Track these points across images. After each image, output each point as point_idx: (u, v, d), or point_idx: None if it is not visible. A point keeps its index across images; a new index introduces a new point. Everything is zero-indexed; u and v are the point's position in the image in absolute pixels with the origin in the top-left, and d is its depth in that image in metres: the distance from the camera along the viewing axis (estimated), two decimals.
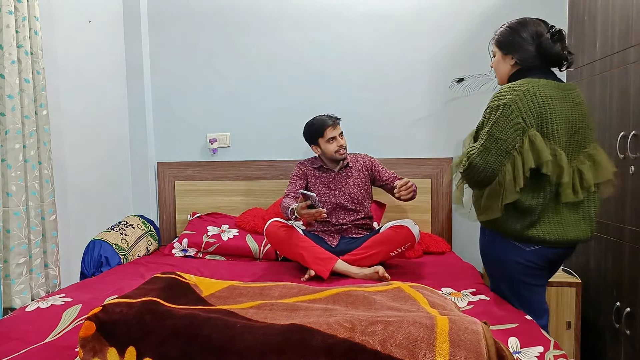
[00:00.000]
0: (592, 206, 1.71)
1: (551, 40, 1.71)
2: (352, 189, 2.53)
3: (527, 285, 1.76)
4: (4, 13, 1.99)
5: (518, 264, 1.72)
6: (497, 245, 1.76)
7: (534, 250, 1.70)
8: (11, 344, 1.50)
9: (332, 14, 2.99)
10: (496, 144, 1.62)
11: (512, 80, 1.75)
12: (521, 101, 1.62)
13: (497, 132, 1.62)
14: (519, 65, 1.75)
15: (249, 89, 3.08)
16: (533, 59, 1.72)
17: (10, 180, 2.02)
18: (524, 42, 1.72)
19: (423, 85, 2.96)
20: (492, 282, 1.91)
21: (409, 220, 2.36)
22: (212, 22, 3.07)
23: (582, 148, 1.70)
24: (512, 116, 1.61)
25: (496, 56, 1.84)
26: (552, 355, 1.39)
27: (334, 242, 2.45)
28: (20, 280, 2.04)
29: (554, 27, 1.74)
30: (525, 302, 1.76)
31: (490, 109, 1.68)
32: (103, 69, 2.83)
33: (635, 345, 2.07)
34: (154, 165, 3.14)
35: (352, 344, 1.21)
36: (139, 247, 2.74)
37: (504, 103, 1.63)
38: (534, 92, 1.63)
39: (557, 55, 1.72)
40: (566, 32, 2.73)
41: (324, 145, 2.51)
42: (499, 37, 1.81)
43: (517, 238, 1.70)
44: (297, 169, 2.64)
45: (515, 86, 1.65)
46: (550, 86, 1.67)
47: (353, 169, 2.58)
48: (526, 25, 1.75)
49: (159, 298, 1.45)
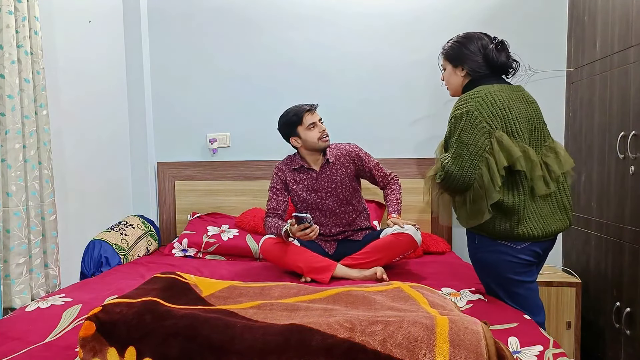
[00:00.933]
0: (564, 196, 1.78)
1: (496, 51, 1.82)
2: (340, 189, 2.38)
3: (521, 283, 1.79)
4: (4, 13, 1.99)
5: (511, 263, 1.76)
6: (488, 249, 1.78)
7: (525, 247, 1.75)
8: (11, 344, 1.50)
9: (332, 14, 2.99)
10: (467, 150, 1.69)
11: (466, 90, 1.84)
12: (482, 107, 1.70)
13: (465, 138, 1.69)
14: (470, 75, 1.85)
15: (249, 89, 3.08)
16: (482, 69, 1.83)
17: (10, 180, 2.02)
18: (472, 54, 1.83)
19: (423, 85, 2.96)
20: (487, 287, 1.91)
21: (410, 226, 2.26)
22: (212, 22, 3.07)
23: (543, 142, 1.80)
24: (477, 121, 1.69)
25: (446, 69, 1.94)
26: (552, 354, 1.39)
27: (332, 250, 2.41)
28: (20, 280, 2.04)
29: (497, 39, 1.85)
30: (521, 301, 1.79)
31: (454, 119, 1.74)
32: (103, 69, 2.83)
33: (635, 345, 2.07)
34: (154, 165, 3.14)
35: (352, 344, 1.21)
36: (139, 247, 2.74)
37: (466, 111, 1.70)
38: (491, 96, 1.72)
39: (503, 64, 1.83)
40: (566, 32, 2.77)
41: (305, 134, 2.34)
42: (448, 50, 1.91)
43: (508, 238, 1.73)
44: (275, 177, 2.45)
45: (473, 94, 1.74)
46: (504, 89, 1.76)
47: (337, 163, 2.40)
48: (472, 39, 1.86)
49: (159, 298, 1.45)
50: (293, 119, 2.35)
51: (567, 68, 2.77)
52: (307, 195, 2.41)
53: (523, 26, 2.81)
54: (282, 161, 2.50)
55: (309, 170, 2.42)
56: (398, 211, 2.39)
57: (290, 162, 2.47)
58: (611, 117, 2.28)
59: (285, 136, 2.44)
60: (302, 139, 2.37)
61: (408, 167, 2.95)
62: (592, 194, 2.45)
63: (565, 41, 2.79)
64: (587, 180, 2.50)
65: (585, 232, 2.52)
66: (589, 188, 2.48)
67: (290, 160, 2.48)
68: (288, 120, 2.37)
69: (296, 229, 2.15)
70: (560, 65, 2.78)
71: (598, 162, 2.40)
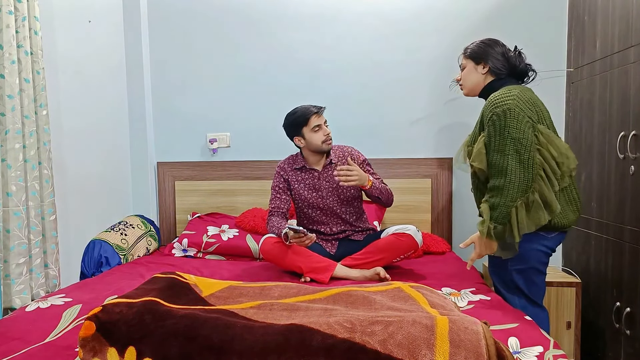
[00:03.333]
0: (573, 189, 1.84)
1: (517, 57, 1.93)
2: (341, 189, 2.38)
3: (541, 274, 1.86)
4: (4, 13, 1.99)
5: (540, 252, 1.82)
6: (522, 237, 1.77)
7: (554, 236, 1.82)
8: (11, 344, 1.50)
9: (332, 14, 2.99)
10: (521, 144, 1.70)
11: (488, 90, 1.90)
12: (520, 103, 1.74)
13: (515, 134, 1.70)
14: (491, 74, 1.93)
15: (249, 89, 3.08)
16: (504, 69, 1.91)
17: (10, 180, 2.02)
18: (496, 54, 1.92)
19: (423, 85, 2.96)
20: (500, 279, 1.91)
21: (411, 226, 2.27)
22: (213, 23, 3.07)
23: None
24: (520, 116, 1.72)
25: (466, 68, 1.99)
26: (552, 355, 1.39)
27: (333, 249, 2.41)
28: (20, 280, 2.04)
29: (516, 48, 1.96)
30: (535, 292, 1.87)
31: (496, 116, 1.74)
32: (103, 69, 2.83)
33: (635, 345, 2.07)
34: (154, 165, 3.14)
35: (352, 344, 1.21)
36: (139, 247, 2.74)
37: (508, 108, 1.72)
38: (523, 95, 1.78)
39: (523, 69, 1.93)
40: (566, 32, 2.77)
41: (309, 135, 2.34)
42: (474, 48, 1.98)
43: (543, 227, 1.76)
44: (277, 176, 2.45)
45: (506, 93, 1.77)
46: (528, 90, 1.84)
47: (339, 164, 2.40)
48: (497, 42, 1.96)
49: (159, 298, 1.45)
50: (299, 119, 2.34)
51: (567, 68, 2.77)
52: (309, 195, 2.41)
53: (523, 26, 2.81)
54: (283, 160, 2.50)
55: (311, 169, 2.43)
56: (375, 180, 2.37)
57: (292, 161, 2.47)
58: (611, 117, 2.28)
59: (289, 135, 2.43)
60: (306, 140, 2.36)
61: (408, 167, 2.95)
62: (592, 194, 2.45)
63: (565, 41, 2.79)
64: (587, 180, 2.50)
65: (585, 232, 2.52)
66: (589, 188, 2.48)
67: (292, 160, 2.48)
68: (294, 121, 2.36)
69: (292, 236, 2.16)
70: (560, 66, 2.78)
71: (598, 162, 2.40)
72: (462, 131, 2.92)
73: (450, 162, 2.93)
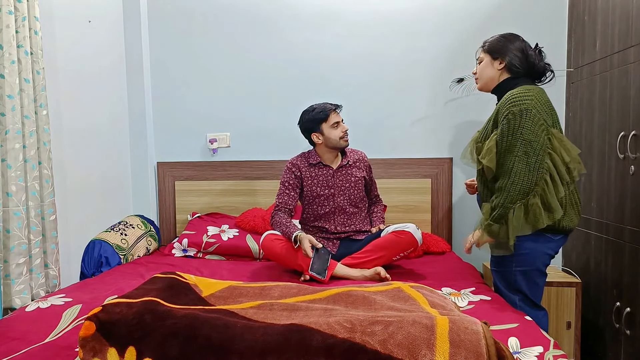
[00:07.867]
0: (575, 193, 1.83)
1: (537, 55, 1.89)
2: (353, 189, 2.43)
3: (543, 275, 1.87)
4: (4, 13, 1.98)
5: (545, 254, 1.83)
6: (529, 238, 1.79)
7: (560, 239, 1.83)
8: (11, 344, 1.50)
9: (332, 14, 2.99)
10: (532, 147, 1.71)
11: (504, 87, 1.88)
12: (538, 104, 1.74)
13: (528, 135, 1.71)
14: (507, 71, 1.89)
15: (249, 89, 3.08)
16: (520, 67, 1.87)
17: (10, 180, 2.02)
18: (515, 50, 1.88)
19: (423, 85, 2.96)
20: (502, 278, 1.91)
21: (411, 224, 2.29)
22: (213, 23, 3.07)
23: None
24: (536, 119, 1.72)
25: (483, 61, 1.96)
26: (552, 355, 1.39)
27: (334, 248, 2.41)
28: (20, 280, 2.04)
29: (537, 45, 1.92)
30: (536, 293, 1.88)
31: (512, 115, 1.74)
32: (103, 69, 2.83)
33: (635, 345, 2.07)
34: (154, 165, 3.14)
35: (352, 344, 1.21)
36: (139, 247, 2.74)
37: (525, 108, 1.72)
38: (540, 96, 1.77)
39: (541, 68, 1.89)
40: (566, 32, 2.77)
41: (328, 131, 2.36)
42: (493, 42, 1.94)
43: (551, 230, 1.77)
44: (288, 172, 2.42)
45: (524, 92, 1.76)
46: (543, 91, 1.82)
47: (353, 166, 2.46)
48: (517, 38, 1.92)
49: (159, 298, 1.45)
50: (320, 115, 2.35)
51: (567, 68, 2.77)
52: (321, 191, 2.42)
53: (523, 26, 2.79)
54: (296, 157, 2.49)
55: (326, 166, 2.44)
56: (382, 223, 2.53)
57: (306, 157, 2.47)
58: (611, 117, 2.28)
59: (307, 131, 2.42)
60: (325, 136, 2.37)
61: (408, 167, 2.95)
62: (592, 194, 2.45)
63: (565, 41, 2.79)
64: (587, 180, 2.50)
65: (585, 232, 2.52)
66: (589, 188, 2.48)
67: (305, 156, 2.47)
68: (314, 116, 2.37)
69: (307, 246, 2.15)
70: (560, 65, 2.78)
71: (598, 162, 2.40)
72: (463, 131, 2.93)
73: (450, 162, 2.93)
